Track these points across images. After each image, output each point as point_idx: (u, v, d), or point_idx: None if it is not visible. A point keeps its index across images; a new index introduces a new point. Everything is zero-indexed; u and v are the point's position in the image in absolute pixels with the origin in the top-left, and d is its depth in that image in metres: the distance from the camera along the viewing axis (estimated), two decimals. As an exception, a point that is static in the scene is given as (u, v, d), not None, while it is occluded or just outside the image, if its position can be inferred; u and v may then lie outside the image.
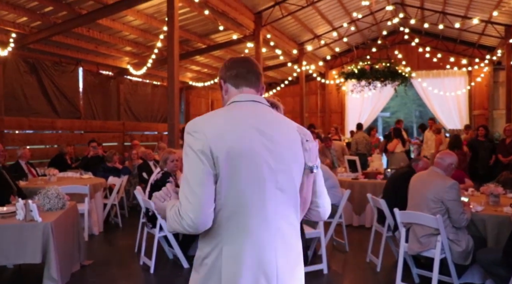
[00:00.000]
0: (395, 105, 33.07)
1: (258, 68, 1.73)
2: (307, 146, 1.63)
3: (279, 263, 1.55)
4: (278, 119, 1.66)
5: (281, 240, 1.57)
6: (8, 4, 7.19)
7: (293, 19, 11.50)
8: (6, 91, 8.74)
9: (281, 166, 1.57)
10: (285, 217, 1.59)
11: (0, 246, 3.86)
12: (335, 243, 5.97)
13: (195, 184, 1.49)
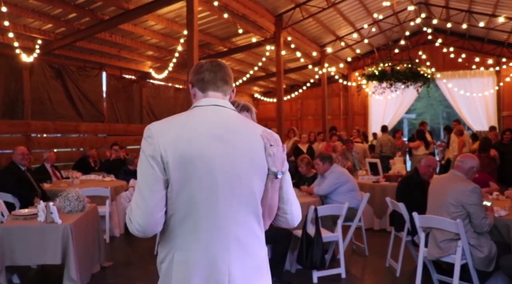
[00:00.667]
0: (421, 106, 32.46)
1: (226, 72, 1.73)
2: (270, 151, 1.58)
3: (232, 271, 1.52)
4: (239, 124, 1.63)
5: (237, 248, 1.54)
6: (34, 12, 7.40)
7: (314, 21, 11.43)
8: (33, 96, 8.98)
9: (238, 172, 1.54)
10: (243, 224, 1.55)
11: (22, 246, 3.97)
12: (355, 247, 5.88)
13: (144, 189, 1.50)
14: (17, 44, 7.09)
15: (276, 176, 1.59)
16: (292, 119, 17.79)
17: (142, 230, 1.51)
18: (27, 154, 6.11)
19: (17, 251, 3.95)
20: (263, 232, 1.63)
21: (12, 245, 3.96)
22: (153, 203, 1.49)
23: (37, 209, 4.19)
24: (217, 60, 1.79)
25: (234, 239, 1.53)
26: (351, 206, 5.41)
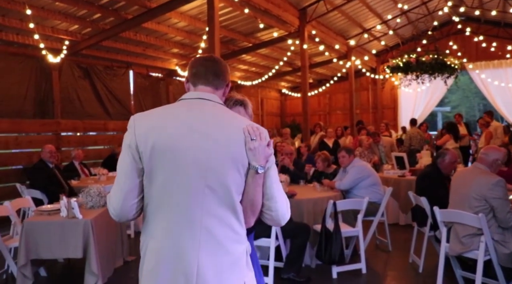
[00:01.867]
0: (456, 99, 31.50)
1: (219, 66, 1.74)
2: (251, 145, 1.56)
3: (201, 264, 1.51)
4: (220, 117, 1.62)
5: (208, 241, 1.53)
6: (60, 14, 7.60)
7: (339, 13, 11.25)
8: (62, 96, 9.25)
9: (211, 164, 1.53)
10: (216, 217, 1.54)
11: (46, 241, 4.09)
12: (378, 242, 5.78)
13: (120, 177, 1.58)
14: (43, 45, 7.31)
15: (257, 171, 1.56)
16: (320, 114, 17.63)
17: (116, 215, 1.59)
18: (55, 152, 6.31)
19: (41, 245, 4.08)
20: (242, 227, 1.61)
21: (36, 239, 4.08)
22: (126, 190, 1.55)
23: (60, 205, 4.32)
24: (211, 55, 1.82)
25: (206, 232, 1.53)
26: (373, 200, 5.33)
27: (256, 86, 16.48)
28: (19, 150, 8.27)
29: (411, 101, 15.34)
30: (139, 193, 1.58)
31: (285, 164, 6.28)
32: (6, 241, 4.60)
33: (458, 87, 13.23)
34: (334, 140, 9.87)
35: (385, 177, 7.04)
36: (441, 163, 4.83)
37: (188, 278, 1.51)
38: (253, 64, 13.91)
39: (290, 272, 4.41)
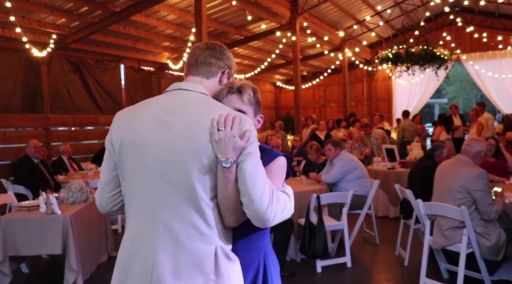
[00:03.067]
0: (453, 90, 31.42)
1: (212, 53, 1.66)
2: (216, 137, 1.42)
3: (158, 260, 1.45)
4: (191, 108, 1.51)
5: (167, 238, 1.46)
6: (47, 7, 7.51)
7: (332, 5, 11.15)
8: (52, 90, 9.17)
9: (173, 158, 1.45)
10: (178, 214, 1.46)
11: (24, 237, 4.04)
12: (366, 235, 5.75)
13: (101, 170, 1.66)
14: (26, 39, 7.21)
15: (223, 165, 1.42)
16: (315, 107, 17.56)
17: (98, 206, 1.68)
18: (40, 147, 6.25)
19: (19, 242, 4.03)
20: (210, 226, 1.47)
21: (15, 236, 4.03)
22: (103, 183, 1.63)
23: (39, 201, 4.26)
24: (209, 42, 1.74)
25: (166, 229, 1.46)
26: (360, 193, 5.28)
27: (250, 79, 16.33)
28: (7, 146, 8.19)
29: (405, 93, 15.27)
30: (116, 186, 1.60)
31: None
32: (-13, 238, 4.54)
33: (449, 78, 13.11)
34: (326, 132, 9.81)
35: (375, 170, 7.00)
36: (439, 156, 4.77)
37: (142, 274, 1.46)
38: (245, 57, 13.82)
39: (273, 267, 4.35)
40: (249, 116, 1.65)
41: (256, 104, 1.72)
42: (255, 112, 1.73)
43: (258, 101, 1.74)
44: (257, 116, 1.74)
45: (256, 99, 1.72)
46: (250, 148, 1.46)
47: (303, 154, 7.69)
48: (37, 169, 6.08)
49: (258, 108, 1.74)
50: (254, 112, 1.72)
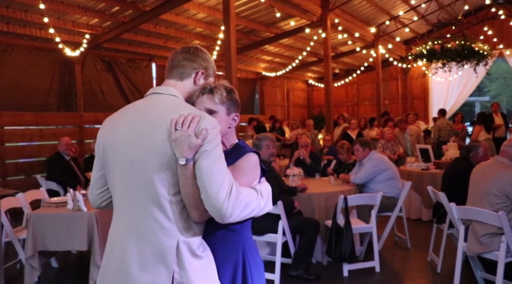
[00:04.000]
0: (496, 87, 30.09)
1: (185, 55, 1.76)
2: (173, 136, 1.50)
3: (128, 253, 1.55)
4: (156, 110, 1.62)
5: (134, 231, 1.57)
6: (80, 8, 7.65)
7: (365, 0, 10.86)
8: (85, 89, 9.38)
9: (135, 157, 1.57)
10: (141, 209, 1.56)
11: (52, 232, 4.11)
12: (397, 238, 5.54)
13: (92, 170, 1.82)
14: (58, 39, 7.37)
15: (179, 162, 1.50)
16: (348, 105, 17.25)
17: (90, 201, 1.85)
18: (71, 144, 6.37)
19: (48, 237, 4.10)
20: (171, 221, 1.55)
21: (43, 231, 4.10)
22: (92, 181, 1.79)
23: (67, 197, 4.32)
24: (186, 45, 1.85)
25: (132, 223, 1.58)
26: (391, 195, 5.10)
27: (282, 77, 16.27)
28: (43, 143, 8.43)
29: (443, 91, 14.72)
30: (103, 184, 1.75)
31: (300, 157, 6.11)
32: (18, 232, 4.65)
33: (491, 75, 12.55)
34: (358, 131, 9.57)
35: (408, 171, 6.76)
36: (475, 157, 4.49)
37: (116, 266, 1.58)
38: (277, 55, 13.69)
39: (298, 269, 4.26)
40: (220, 115, 1.73)
41: (229, 103, 1.76)
42: (228, 111, 1.77)
43: (232, 100, 1.78)
44: (231, 115, 1.78)
45: (229, 98, 1.76)
46: (207, 146, 1.52)
47: (334, 154, 7.53)
48: (68, 166, 6.20)
49: (232, 107, 1.78)
50: (227, 111, 1.76)
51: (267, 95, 16.33)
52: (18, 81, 8.27)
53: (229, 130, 1.79)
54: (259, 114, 15.55)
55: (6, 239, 4.54)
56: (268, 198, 1.71)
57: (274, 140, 4.62)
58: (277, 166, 6.38)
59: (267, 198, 1.68)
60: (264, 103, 16.12)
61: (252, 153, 1.73)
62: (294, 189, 4.71)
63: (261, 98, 16.19)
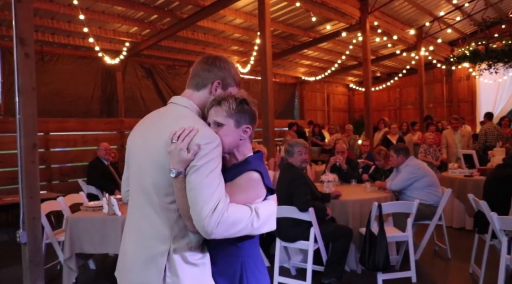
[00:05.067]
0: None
1: (202, 66, 1.77)
2: (168, 148, 1.56)
3: (129, 252, 1.69)
4: (164, 120, 1.68)
5: (135, 233, 1.68)
6: (120, 17, 7.91)
7: (406, 2, 10.57)
8: (126, 95, 9.66)
9: (140, 164, 1.68)
10: (142, 212, 1.65)
11: (88, 236, 4.22)
12: (437, 248, 5.31)
13: None
14: (98, 48, 7.63)
15: (170, 174, 1.55)
16: (390, 109, 16.84)
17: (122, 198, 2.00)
18: (109, 149, 6.56)
19: (84, 240, 4.21)
20: (166, 228, 1.61)
21: (80, 234, 4.22)
22: (123, 180, 1.96)
23: (103, 201, 4.43)
24: (207, 55, 1.85)
25: (135, 225, 1.70)
26: (430, 203, 4.90)
27: (322, 82, 16.11)
28: (85, 148, 8.74)
29: (491, 93, 14.04)
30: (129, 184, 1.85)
31: (336, 163, 5.99)
32: (59, 234, 4.81)
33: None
34: (399, 136, 9.28)
35: (450, 177, 6.48)
36: None
37: (121, 262, 1.75)
38: (316, 59, 13.58)
39: (330, 277, 4.15)
40: (228, 128, 1.68)
41: (238, 115, 1.69)
42: (237, 124, 1.70)
43: (243, 111, 1.70)
44: (241, 127, 1.71)
45: (239, 109, 1.69)
46: (197, 161, 1.52)
47: (373, 159, 7.34)
48: (107, 170, 6.37)
49: (243, 119, 1.70)
50: (236, 124, 1.69)
51: (307, 99, 16.22)
52: (62, 89, 8.64)
53: (241, 143, 1.73)
54: (298, 118, 15.45)
55: (47, 241, 4.73)
56: (268, 218, 1.66)
57: (306, 146, 4.55)
58: (313, 172, 6.30)
59: (266, 218, 1.63)
60: (304, 107, 16.02)
61: (253, 171, 1.67)
62: (327, 196, 4.62)
63: (301, 103, 16.09)
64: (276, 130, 14.34)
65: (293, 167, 4.37)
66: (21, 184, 4.32)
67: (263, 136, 7.25)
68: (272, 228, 1.70)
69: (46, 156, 8.22)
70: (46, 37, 8.05)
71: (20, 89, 4.17)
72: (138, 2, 7.55)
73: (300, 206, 4.06)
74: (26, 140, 4.23)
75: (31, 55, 4.19)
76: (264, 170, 1.70)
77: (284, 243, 4.32)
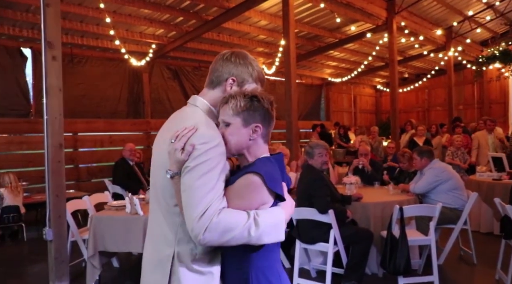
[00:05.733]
0: None
1: (215, 64, 1.71)
2: (168, 149, 1.52)
3: (146, 252, 1.69)
4: (174, 121, 1.65)
5: (148, 235, 1.69)
6: (146, 19, 8.07)
7: (435, 1, 10.35)
8: (153, 96, 9.83)
9: (154, 168, 1.66)
10: (154, 215, 1.65)
11: (111, 234, 4.31)
12: (462, 253, 5.18)
13: None
14: (124, 50, 7.79)
15: (167, 175, 1.52)
16: (418, 110, 16.52)
17: None
18: (135, 150, 6.68)
19: (107, 238, 4.30)
20: (172, 231, 1.56)
21: (103, 233, 4.31)
22: None
23: (126, 201, 4.52)
24: (225, 51, 1.77)
25: (150, 227, 1.70)
26: (454, 206, 4.79)
27: (349, 83, 15.96)
28: (112, 148, 8.94)
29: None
30: None
31: (359, 165, 5.93)
32: (84, 232, 4.94)
33: None
34: (425, 139, 9.09)
35: (477, 181, 6.31)
36: None
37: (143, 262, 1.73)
38: (342, 60, 13.46)
39: (350, 280, 4.11)
40: (235, 127, 1.58)
41: (246, 113, 1.57)
42: (245, 122, 1.58)
43: (252, 109, 1.58)
44: (250, 126, 1.58)
45: (247, 107, 1.57)
46: (190, 162, 1.46)
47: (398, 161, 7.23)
48: (132, 171, 6.49)
49: (252, 117, 1.58)
50: (243, 122, 1.58)
51: (333, 101, 16.10)
52: (91, 90, 8.87)
53: (251, 143, 1.60)
54: (324, 120, 15.35)
55: (72, 239, 4.85)
56: (273, 228, 1.50)
57: (327, 148, 4.52)
58: (336, 174, 6.24)
59: (268, 227, 1.48)
60: (330, 109, 15.90)
61: (253, 173, 1.51)
62: (348, 198, 4.58)
63: (327, 104, 15.99)
64: (302, 132, 14.32)
65: (313, 169, 4.35)
66: (48, 183, 4.47)
67: (286, 138, 7.24)
68: (278, 238, 1.52)
69: (74, 156, 8.45)
70: (75, 40, 8.29)
71: (47, 90, 4.31)
72: (164, 5, 7.68)
73: (320, 208, 4.03)
74: (52, 140, 4.37)
75: (58, 58, 4.33)
76: (268, 173, 1.52)
77: (304, 245, 4.31)
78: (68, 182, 7.71)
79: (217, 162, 1.48)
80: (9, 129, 8.03)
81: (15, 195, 6.34)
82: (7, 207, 6.20)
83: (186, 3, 7.75)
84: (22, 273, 5.09)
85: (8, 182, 6.36)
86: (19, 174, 7.56)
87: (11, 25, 7.70)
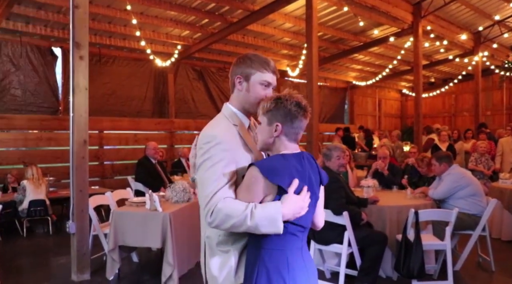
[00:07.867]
0: None
1: (231, 67, 1.91)
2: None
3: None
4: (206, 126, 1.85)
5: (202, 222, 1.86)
6: (172, 21, 8.25)
7: (462, 5, 10.19)
8: (177, 97, 10.03)
9: None
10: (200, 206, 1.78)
11: (131, 230, 4.45)
12: (481, 260, 5.10)
13: None
14: (149, 51, 7.99)
15: None
16: (445, 116, 16.24)
17: None
18: (157, 148, 6.83)
19: (127, 233, 4.44)
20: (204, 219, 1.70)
21: (123, 228, 4.46)
22: None
23: (146, 198, 4.66)
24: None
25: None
26: (473, 213, 4.74)
27: (374, 87, 15.83)
28: (136, 146, 9.16)
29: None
30: None
31: (377, 168, 5.92)
32: (105, 227, 5.10)
33: None
34: (449, 144, 8.96)
35: (500, 187, 6.20)
36: None
37: None
38: (367, 64, 13.39)
39: (363, 282, 4.13)
40: (262, 126, 1.76)
41: (270, 113, 1.72)
42: (269, 121, 1.73)
43: (275, 109, 1.71)
44: (272, 125, 1.72)
45: (272, 107, 1.71)
46: (198, 159, 1.70)
47: (419, 166, 7.16)
48: (154, 169, 6.65)
49: (274, 117, 1.71)
50: (268, 121, 1.74)
51: (357, 104, 16.00)
52: (117, 89, 9.12)
53: (275, 140, 1.73)
54: (348, 123, 15.28)
55: (94, 233, 5.03)
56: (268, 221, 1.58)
57: (345, 151, 4.56)
58: (354, 177, 6.24)
59: (263, 220, 1.57)
60: (354, 112, 15.81)
61: (252, 166, 1.63)
62: (364, 201, 4.59)
63: (351, 108, 15.90)
64: (325, 135, 14.30)
65: (329, 171, 4.39)
66: (72, 178, 4.66)
67: (306, 140, 7.28)
68: (276, 231, 1.60)
69: (100, 153, 8.71)
70: (103, 40, 8.55)
71: (74, 89, 4.50)
72: (190, 7, 7.84)
73: (334, 209, 4.07)
74: (77, 137, 4.55)
75: (85, 57, 4.51)
76: (268, 166, 1.62)
77: (319, 246, 4.35)
78: (93, 179, 7.99)
79: (220, 158, 1.66)
80: (39, 125, 8.36)
81: (36, 187, 6.55)
82: (34, 201, 6.44)
83: (212, 5, 7.90)
84: (48, 264, 5.30)
85: (31, 174, 6.61)
86: (47, 170, 7.86)
87: (43, 25, 8.02)
